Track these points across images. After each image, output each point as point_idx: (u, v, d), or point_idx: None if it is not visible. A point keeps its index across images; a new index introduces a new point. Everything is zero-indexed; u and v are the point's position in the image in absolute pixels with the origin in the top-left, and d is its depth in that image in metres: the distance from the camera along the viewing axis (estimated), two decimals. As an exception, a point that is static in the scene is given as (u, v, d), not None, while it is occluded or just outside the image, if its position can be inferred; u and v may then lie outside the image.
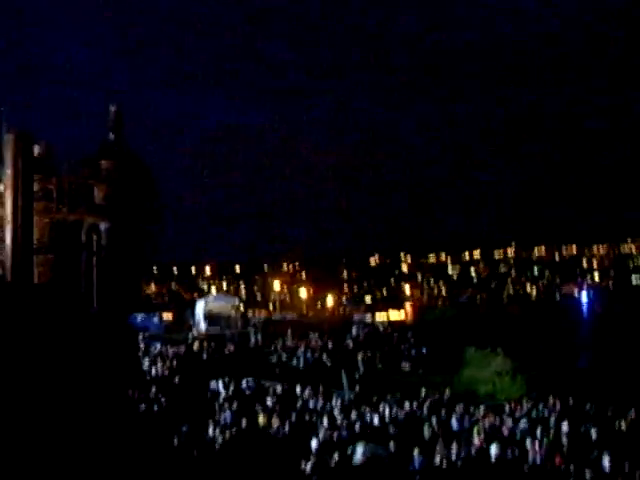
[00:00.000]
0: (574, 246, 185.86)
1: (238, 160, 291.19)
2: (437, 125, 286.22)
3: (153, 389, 28.56)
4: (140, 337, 41.45)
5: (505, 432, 21.92)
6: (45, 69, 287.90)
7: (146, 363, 35.66)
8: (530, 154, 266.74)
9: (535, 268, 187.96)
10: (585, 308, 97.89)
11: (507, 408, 25.49)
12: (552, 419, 23.01)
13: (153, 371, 34.61)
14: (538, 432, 20.99)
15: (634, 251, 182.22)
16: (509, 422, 22.76)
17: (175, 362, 37.00)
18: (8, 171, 29.26)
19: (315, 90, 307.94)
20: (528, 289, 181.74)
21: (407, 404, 25.61)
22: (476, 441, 20.56)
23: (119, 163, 32.60)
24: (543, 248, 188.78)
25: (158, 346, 42.89)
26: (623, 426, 21.57)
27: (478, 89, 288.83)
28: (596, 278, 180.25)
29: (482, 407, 25.02)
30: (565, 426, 21.56)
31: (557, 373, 32.74)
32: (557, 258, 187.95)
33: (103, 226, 32.23)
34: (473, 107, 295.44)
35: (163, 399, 27.18)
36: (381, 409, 25.02)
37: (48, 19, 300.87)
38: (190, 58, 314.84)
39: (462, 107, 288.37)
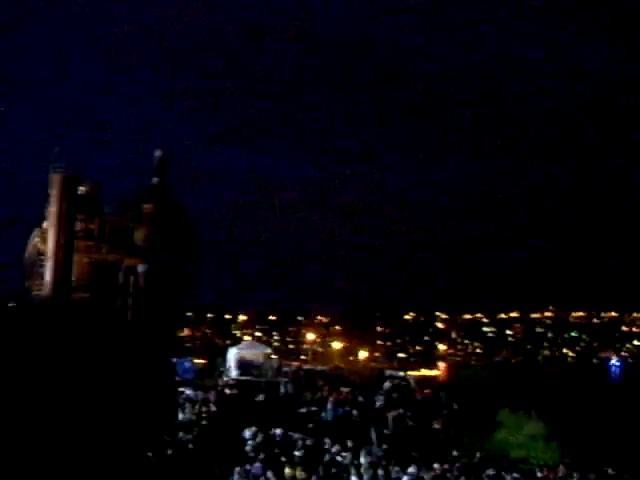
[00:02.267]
0: (612, 312, 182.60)
1: (276, 211, 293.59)
2: (475, 184, 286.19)
3: (181, 434, 28.40)
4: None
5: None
6: (96, 113, 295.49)
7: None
8: (570, 219, 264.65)
9: (572, 332, 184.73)
10: (622, 374, 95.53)
11: (540, 475, 24.83)
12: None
13: (181, 415, 34.46)
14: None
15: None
16: (542, 489, 22.15)
17: (205, 408, 36.82)
18: (52, 209, 29.91)
19: (352, 148, 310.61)
20: (565, 352, 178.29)
21: (436, 465, 25.10)
22: (507, 507, 20.02)
23: (160, 207, 33.08)
24: (581, 313, 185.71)
25: (188, 391, 42.78)
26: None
27: (531, 154, 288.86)
28: (636, 343, 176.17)
29: (513, 473, 24.40)
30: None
31: (594, 440, 31.81)
32: (596, 322, 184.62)
33: (141, 268, 32.55)
34: (512, 168, 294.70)
35: (190, 444, 26.99)
36: (409, 468, 24.54)
37: (95, 64, 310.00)
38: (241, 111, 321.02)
39: (502, 167, 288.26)
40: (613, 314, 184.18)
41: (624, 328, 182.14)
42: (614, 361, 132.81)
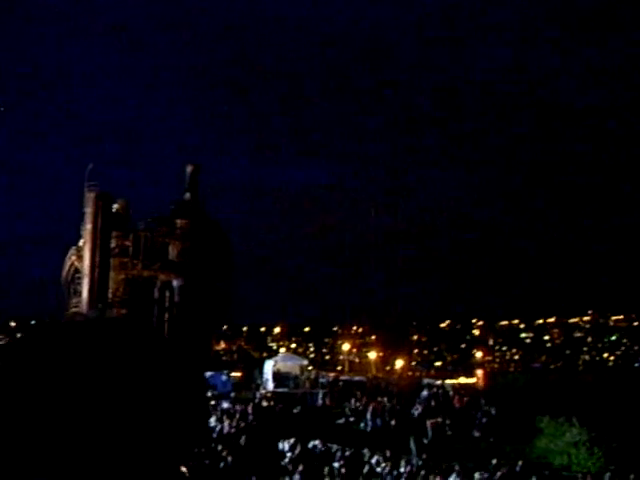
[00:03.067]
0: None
1: (309, 222, 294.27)
2: (506, 192, 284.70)
3: (219, 447, 28.45)
4: (208, 394, 41.58)
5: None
6: (127, 129, 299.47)
7: (213, 421, 35.66)
8: (607, 222, 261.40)
9: (612, 336, 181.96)
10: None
11: (584, 482, 24.41)
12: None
13: (219, 428, 34.55)
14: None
15: None
16: (586, 497, 21.76)
17: (242, 421, 36.87)
18: (88, 226, 30.33)
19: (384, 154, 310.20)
20: (605, 357, 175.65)
21: (477, 474, 24.81)
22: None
23: (194, 222, 33.28)
24: (621, 316, 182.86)
25: (225, 404, 42.89)
26: None
27: (558, 157, 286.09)
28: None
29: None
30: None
31: (638, 446, 31.19)
32: (636, 325, 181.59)
33: (176, 283, 32.77)
34: (543, 174, 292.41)
35: (229, 457, 27.02)
36: (450, 478, 24.30)
37: (127, 82, 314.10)
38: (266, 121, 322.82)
39: (534, 172, 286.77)
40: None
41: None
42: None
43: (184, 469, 1.39)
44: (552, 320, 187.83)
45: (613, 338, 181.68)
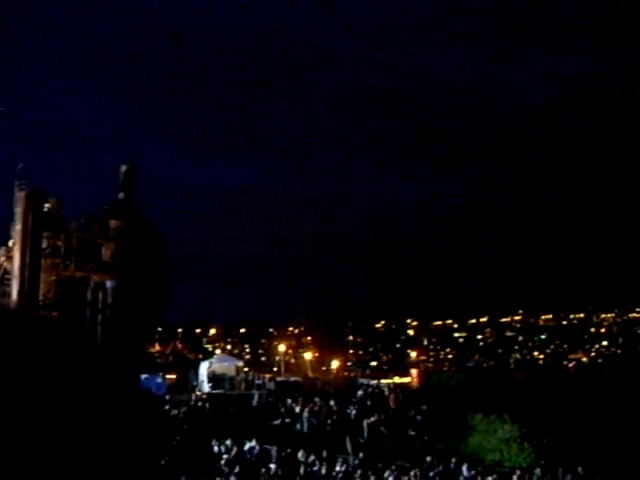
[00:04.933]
0: (581, 314, 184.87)
1: (245, 223, 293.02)
2: (444, 191, 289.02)
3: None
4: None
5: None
6: (60, 127, 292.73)
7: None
8: (538, 223, 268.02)
9: (541, 334, 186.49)
10: (593, 375, 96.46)
11: (515, 477, 24.96)
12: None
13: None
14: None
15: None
16: (517, 492, 22.27)
17: (177, 423, 36.45)
18: (18, 227, 29.49)
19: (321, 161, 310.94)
20: (535, 355, 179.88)
21: (412, 472, 25.14)
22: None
23: (127, 223, 32.72)
24: (550, 315, 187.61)
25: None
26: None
27: (486, 156, 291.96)
28: (604, 344, 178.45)
29: (488, 477, 24.53)
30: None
31: (566, 442, 32.07)
32: (564, 324, 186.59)
33: (109, 284, 32.16)
34: (480, 174, 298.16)
35: (163, 460, 26.66)
36: (386, 476, 24.54)
37: (63, 77, 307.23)
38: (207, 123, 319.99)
39: (470, 173, 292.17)
40: (581, 315, 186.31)
41: (592, 329, 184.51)
42: (573, 363, 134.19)
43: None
44: (484, 320, 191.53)
45: (543, 337, 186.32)
